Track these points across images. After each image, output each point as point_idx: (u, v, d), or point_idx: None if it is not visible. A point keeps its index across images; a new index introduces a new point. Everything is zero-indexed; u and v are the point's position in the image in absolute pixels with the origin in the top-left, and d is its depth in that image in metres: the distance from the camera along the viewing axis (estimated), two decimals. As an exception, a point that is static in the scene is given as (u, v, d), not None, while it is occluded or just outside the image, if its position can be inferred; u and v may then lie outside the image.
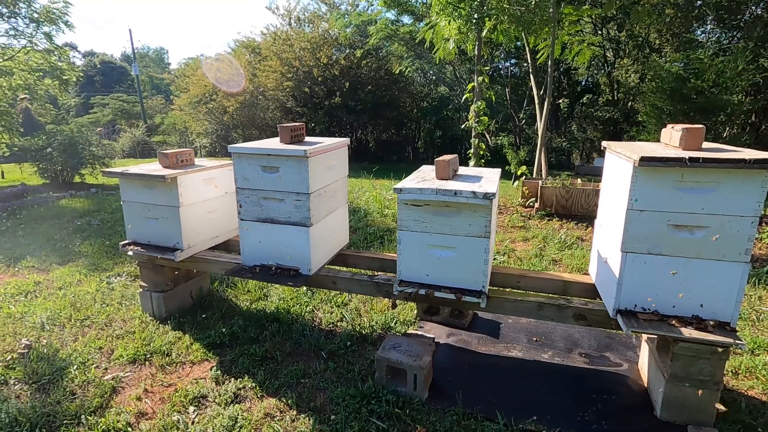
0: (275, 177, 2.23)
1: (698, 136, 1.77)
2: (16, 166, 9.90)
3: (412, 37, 11.25)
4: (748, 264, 1.69)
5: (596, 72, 12.63)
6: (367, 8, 14.21)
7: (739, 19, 7.41)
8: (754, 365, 2.29)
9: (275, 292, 3.24)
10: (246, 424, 1.92)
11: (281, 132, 2.35)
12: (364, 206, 5.71)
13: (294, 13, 15.32)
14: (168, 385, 2.22)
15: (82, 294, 3.23)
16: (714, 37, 8.12)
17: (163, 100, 27.05)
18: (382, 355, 2.13)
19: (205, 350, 2.49)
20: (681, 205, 1.70)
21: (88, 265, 3.83)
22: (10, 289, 3.32)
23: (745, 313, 2.86)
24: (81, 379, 2.24)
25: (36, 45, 7.61)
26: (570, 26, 5.68)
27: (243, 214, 2.36)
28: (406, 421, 1.92)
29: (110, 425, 1.92)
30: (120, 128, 21.38)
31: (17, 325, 2.78)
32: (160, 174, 2.45)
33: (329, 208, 2.47)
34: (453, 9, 5.56)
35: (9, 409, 1.99)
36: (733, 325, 1.74)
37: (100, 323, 2.81)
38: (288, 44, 14.00)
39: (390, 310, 2.91)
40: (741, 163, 1.58)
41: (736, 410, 1.96)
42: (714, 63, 5.01)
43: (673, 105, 5.15)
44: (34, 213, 5.59)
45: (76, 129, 8.69)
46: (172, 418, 1.96)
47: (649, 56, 9.00)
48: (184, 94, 16.92)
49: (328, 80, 13.73)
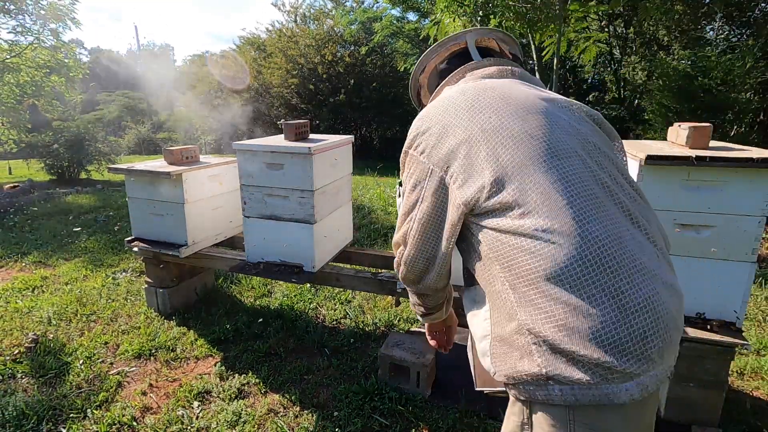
0: (279, 174, 2.24)
1: (705, 135, 1.76)
2: (23, 162, 9.98)
3: (417, 34, 11.21)
4: (754, 264, 1.67)
5: (602, 70, 12.53)
6: (372, 5, 14.18)
7: (749, 16, 7.32)
8: (759, 366, 2.28)
9: (279, 288, 3.25)
10: (250, 419, 1.94)
11: (286, 129, 2.36)
12: (368, 203, 5.71)
13: (300, 11, 15.31)
14: (173, 380, 2.23)
15: (88, 289, 3.25)
16: (723, 35, 8.03)
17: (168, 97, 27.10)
18: (385, 353, 2.13)
19: (209, 346, 2.50)
20: (687, 204, 1.69)
21: (94, 260, 3.86)
22: (18, 284, 3.36)
23: (751, 314, 2.83)
24: (87, 374, 2.26)
25: (43, 42, 7.65)
26: (576, 23, 5.63)
27: (247, 211, 2.37)
28: (408, 418, 1.93)
29: (116, 419, 1.94)
30: (125, 125, 21.48)
31: (24, 320, 2.81)
32: (166, 170, 2.46)
33: (333, 205, 2.47)
34: (458, 6, 5.53)
35: (16, 402, 2.02)
36: (739, 326, 1.73)
37: (105, 318, 2.83)
38: (293, 41, 13.98)
39: (393, 307, 2.91)
40: (749, 162, 1.56)
41: (741, 411, 1.95)
42: (722, 61, 4.96)
43: (680, 103, 5.10)
44: (40, 209, 5.63)
45: (82, 125, 8.75)
46: (177, 413, 1.98)
47: (657, 54, 8.92)
48: (190, 91, 16.96)
49: (333, 77, 13.71)
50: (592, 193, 0.79)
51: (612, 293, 0.73)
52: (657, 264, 0.80)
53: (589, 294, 0.73)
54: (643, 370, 0.72)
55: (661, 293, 0.76)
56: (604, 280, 0.73)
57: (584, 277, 0.73)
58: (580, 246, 0.74)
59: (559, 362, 0.73)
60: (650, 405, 0.79)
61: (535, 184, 0.78)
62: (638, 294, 0.74)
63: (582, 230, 0.75)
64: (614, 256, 0.75)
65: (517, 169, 0.80)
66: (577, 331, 0.72)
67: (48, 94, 8.29)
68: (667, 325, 0.75)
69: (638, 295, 0.73)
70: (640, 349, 0.72)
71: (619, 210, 0.81)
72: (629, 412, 0.74)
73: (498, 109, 0.87)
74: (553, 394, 0.74)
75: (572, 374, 0.72)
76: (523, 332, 0.77)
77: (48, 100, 8.37)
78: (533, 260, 0.76)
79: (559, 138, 0.83)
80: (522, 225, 0.77)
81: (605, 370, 0.71)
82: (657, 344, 0.73)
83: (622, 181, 0.86)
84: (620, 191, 0.83)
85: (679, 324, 0.80)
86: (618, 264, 0.74)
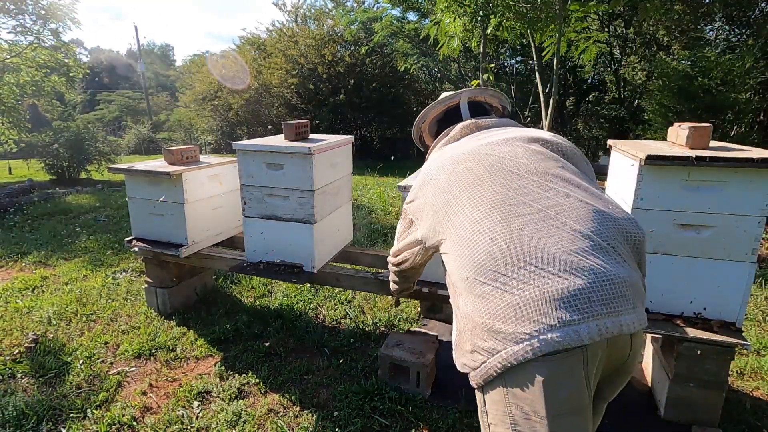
0: (279, 174, 2.24)
1: (705, 135, 1.75)
2: (23, 162, 9.98)
3: (417, 34, 11.20)
4: (754, 264, 1.67)
5: (602, 70, 12.52)
6: (372, 5, 14.17)
7: (749, 16, 7.32)
8: (759, 366, 2.28)
9: (279, 288, 3.25)
10: (250, 419, 1.94)
11: (286, 129, 2.36)
12: (368, 204, 5.71)
13: (301, 11, 15.31)
14: (173, 380, 2.23)
15: (88, 289, 3.25)
16: (723, 35, 8.02)
17: (168, 97, 27.16)
18: (385, 353, 2.13)
19: (209, 346, 2.50)
20: (687, 205, 1.69)
21: (93, 260, 3.86)
22: (18, 284, 3.36)
23: (751, 314, 2.83)
24: (87, 374, 2.26)
25: (43, 42, 7.65)
26: (576, 23, 5.63)
27: (247, 211, 2.37)
28: (408, 418, 1.93)
29: (116, 419, 1.94)
30: (125, 125, 21.50)
31: (24, 320, 2.81)
32: (165, 170, 2.46)
33: (333, 205, 2.47)
34: (458, 6, 5.52)
35: (16, 402, 2.02)
36: (739, 326, 1.73)
37: (105, 318, 2.83)
38: (293, 41, 13.98)
39: (393, 307, 2.92)
40: (749, 162, 1.56)
41: (741, 411, 1.95)
42: (722, 61, 4.96)
43: (680, 103, 5.10)
44: (40, 209, 5.63)
45: (82, 125, 8.75)
46: (177, 413, 1.98)
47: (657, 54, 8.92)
48: (189, 91, 16.97)
49: (333, 77, 13.71)
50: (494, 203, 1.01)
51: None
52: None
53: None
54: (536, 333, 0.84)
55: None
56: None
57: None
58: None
59: (478, 339, 0.92)
60: (571, 363, 0.85)
61: (456, 218, 1.05)
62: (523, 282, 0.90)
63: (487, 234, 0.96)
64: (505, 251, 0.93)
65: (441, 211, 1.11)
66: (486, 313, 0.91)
67: (48, 94, 8.29)
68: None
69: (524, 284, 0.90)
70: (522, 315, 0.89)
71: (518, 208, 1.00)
72: (545, 370, 0.84)
73: (443, 169, 1.19)
74: (483, 366, 0.91)
75: (486, 344, 0.90)
76: (463, 320, 0.97)
77: (48, 100, 8.37)
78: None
79: (479, 172, 1.09)
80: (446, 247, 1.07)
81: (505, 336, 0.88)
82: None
83: (551, 185, 1.03)
84: (536, 192, 1.01)
85: None
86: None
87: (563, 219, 0.94)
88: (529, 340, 0.83)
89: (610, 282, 0.87)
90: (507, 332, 0.86)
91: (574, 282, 0.85)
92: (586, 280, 0.86)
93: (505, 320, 0.87)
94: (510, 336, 0.85)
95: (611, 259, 0.91)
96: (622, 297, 0.87)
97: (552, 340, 0.82)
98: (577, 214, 0.95)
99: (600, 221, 0.96)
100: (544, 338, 0.82)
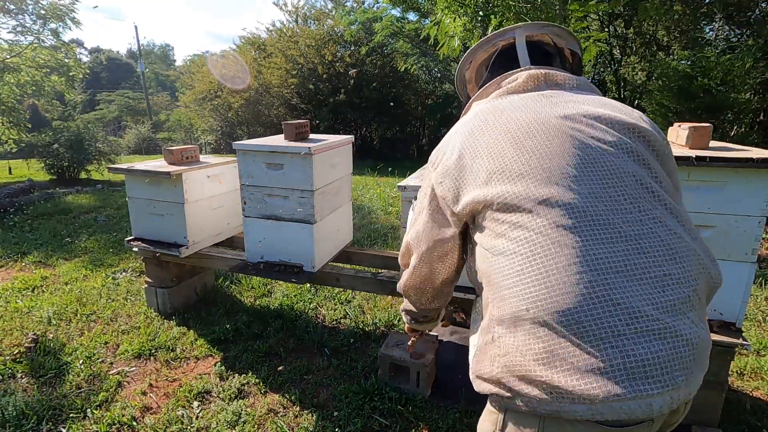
0: (279, 174, 2.24)
1: (705, 135, 1.75)
2: (23, 162, 9.97)
3: (417, 34, 11.20)
4: (754, 264, 1.67)
5: (602, 70, 12.53)
6: (372, 5, 14.18)
7: (749, 16, 7.32)
8: (759, 366, 2.28)
9: (279, 288, 3.25)
10: (250, 419, 1.94)
11: (286, 129, 2.36)
12: (368, 204, 5.71)
13: (301, 11, 15.31)
14: (172, 380, 2.23)
15: (87, 289, 3.25)
16: (722, 35, 8.02)
17: (168, 97, 27.18)
18: (385, 353, 2.13)
19: (209, 346, 2.50)
20: (687, 204, 1.68)
21: (93, 260, 3.86)
22: (18, 284, 3.36)
23: (751, 314, 2.83)
24: (87, 374, 2.26)
25: (43, 42, 7.66)
26: (576, 23, 5.63)
27: (247, 211, 2.37)
28: (408, 418, 1.93)
29: (115, 419, 1.94)
30: (125, 125, 21.50)
31: (24, 320, 2.81)
32: (165, 170, 2.46)
33: (333, 205, 2.47)
34: (458, 6, 5.53)
35: (16, 402, 2.02)
36: (739, 326, 1.73)
37: (105, 318, 2.83)
38: (293, 41, 13.99)
39: (393, 307, 2.91)
40: (749, 162, 1.56)
41: (741, 411, 1.95)
42: (721, 61, 4.95)
43: (680, 103, 5.10)
44: (40, 208, 5.63)
45: (82, 125, 8.75)
46: (177, 413, 1.97)
47: (657, 54, 8.92)
48: (189, 91, 16.96)
49: (333, 77, 13.71)
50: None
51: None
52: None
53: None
54: (598, 399, 0.72)
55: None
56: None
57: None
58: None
59: (515, 380, 0.77)
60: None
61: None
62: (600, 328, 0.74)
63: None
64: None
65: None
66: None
67: (48, 94, 8.29)
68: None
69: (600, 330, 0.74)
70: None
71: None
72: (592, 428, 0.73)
73: (493, 136, 0.89)
74: (517, 404, 0.77)
75: (529, 391, 0.75)
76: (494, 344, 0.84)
77: (48, 100, 8.38)
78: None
79: (548, 164, 0.82)
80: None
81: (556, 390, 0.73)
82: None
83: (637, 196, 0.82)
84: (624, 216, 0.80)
85: None
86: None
87: (656, 256, 0.76)
88: (594, 404, 0.70)
89: (692, 347, 0.74)
90: (572, 390, 0.71)
91: (658, 347, 0.72)
92: (669, 347, 0.72)
93: (570, 375, 0.72)
94: (576, 395, 0.71)
95: (698, 316, 0.78)
96: (701, 365, 0.77)
97: (620, 409, 0.70)
98: (669, 251, 0.77)
99: (691, 262, 0.79)
100: (612, 406, 0.70)
